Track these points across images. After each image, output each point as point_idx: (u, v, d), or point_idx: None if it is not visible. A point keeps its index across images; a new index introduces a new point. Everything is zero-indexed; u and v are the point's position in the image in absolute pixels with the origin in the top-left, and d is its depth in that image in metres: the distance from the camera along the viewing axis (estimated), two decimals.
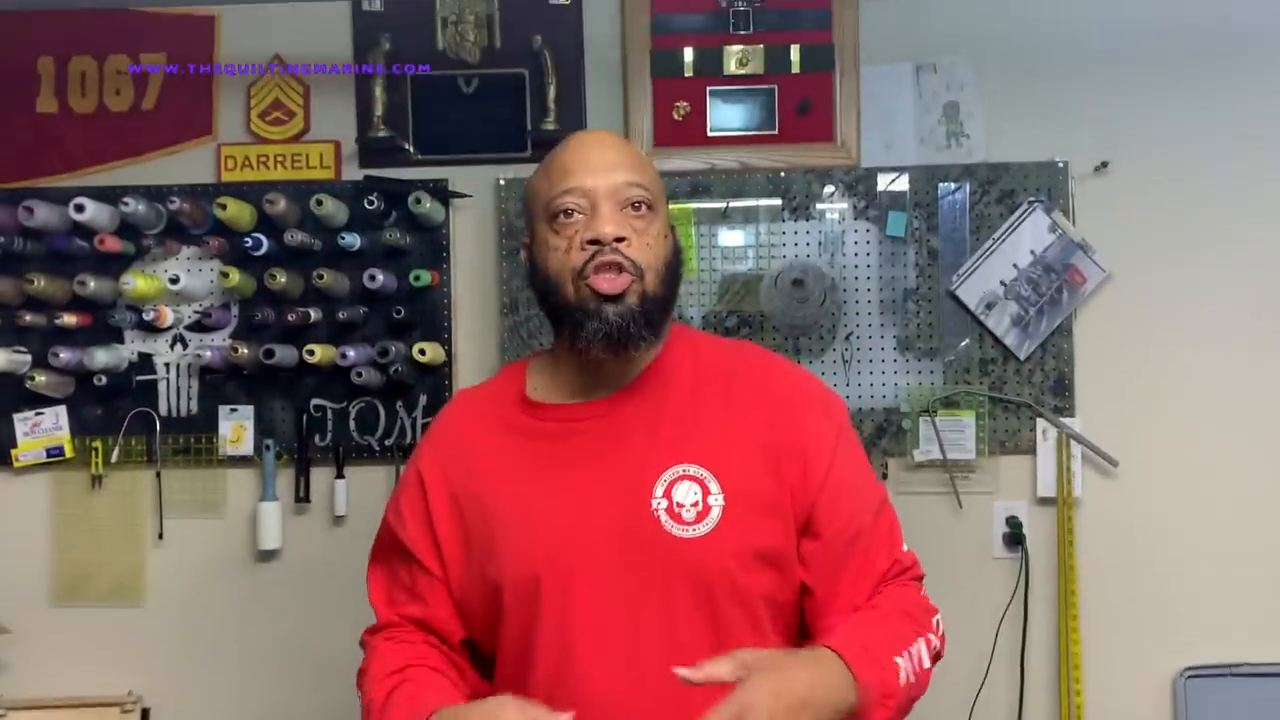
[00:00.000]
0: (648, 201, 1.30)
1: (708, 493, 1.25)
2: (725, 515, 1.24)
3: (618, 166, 1.30)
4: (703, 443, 1.28)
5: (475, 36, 2.30)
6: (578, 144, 1.34)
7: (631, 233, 1.27)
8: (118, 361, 2.26)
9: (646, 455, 1.27)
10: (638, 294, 1.27)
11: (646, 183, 1.31)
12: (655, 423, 1.30)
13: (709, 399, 1.32)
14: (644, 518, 1.24)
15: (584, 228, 1.27)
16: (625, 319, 1.25)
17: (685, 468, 1.26)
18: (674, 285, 1.34)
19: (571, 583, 1.25)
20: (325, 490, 2.29)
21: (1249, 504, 2.24)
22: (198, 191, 2.27)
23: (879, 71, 2.28)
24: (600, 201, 1.27)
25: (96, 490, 2.32)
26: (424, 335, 2.26)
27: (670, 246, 1.33)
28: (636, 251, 1.27)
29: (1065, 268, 2.23)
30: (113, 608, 2.33)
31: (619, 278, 1.25)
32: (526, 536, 1.28)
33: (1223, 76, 2.25)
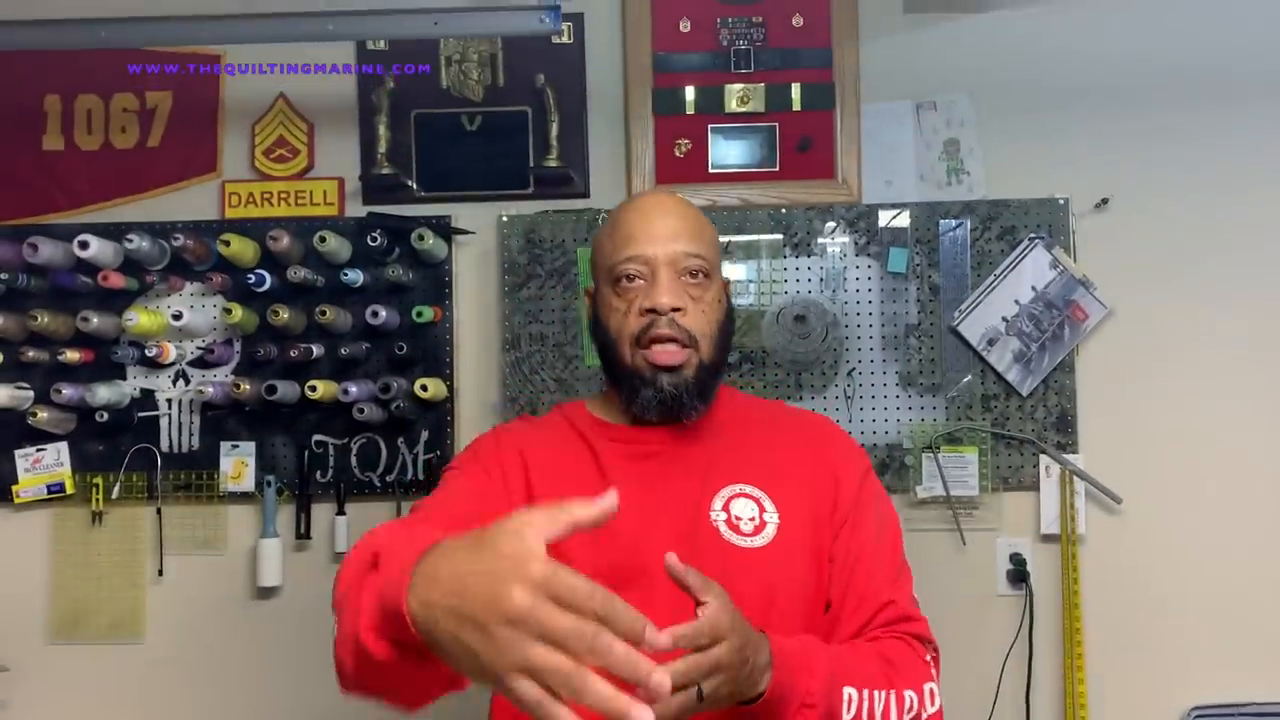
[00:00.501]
0: (704, 270, 1.38)
1: (763, 510, 1.35)
2: (781, 531, 1.34)
3: (678, 236, 1.38)
4: (755, 469, 1.39)
5: (479, 75, 2.32)
6: (643, 211, 1.42)
7: (688, 301, 1.36)
8: (120, 397, 2.26)
9: (705, 475, 1.37)
10: (694, 365, 1.37)
11: (704, 251, 1.39)
12: (711, 451, 1.40)
13: (757, 437, 1.44)
14: (704, 528, 1.32)
15: (643, 295, 1.37)
16: (679, 389, 1.36)
17: (741, 487, 1.36)
18: (726, 347, 1.44)
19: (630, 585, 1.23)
20: (326, 527, 2.29)
21: (1255, 540, 2.23)
22: (201, 228, 2.28)
23: (879, 109, 2.30)
24: (659, 269, 1.36)
25: (97, 527, 2.31)
26: (426, 371, 2.26)
27: (724, 310, 1.43)
28: (692, 320, 1.36)
29: (1067, 304, 2.23)
30: (112, 645, 2.31)
31: (677, 352, 1.35)
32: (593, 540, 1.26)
33: (1223, 114, 2.27)
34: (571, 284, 2.27)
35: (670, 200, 1.45)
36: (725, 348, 1.43)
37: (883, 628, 1.36)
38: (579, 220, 2.28)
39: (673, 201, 1.44)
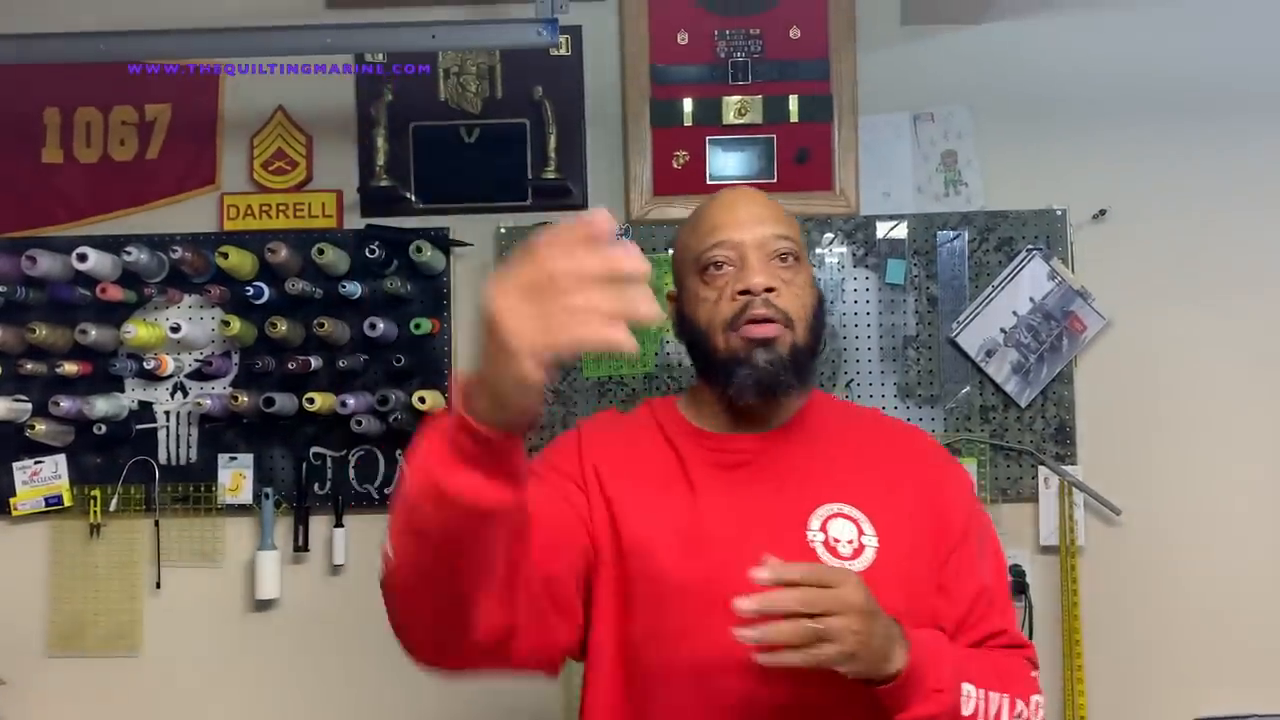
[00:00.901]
0: (794, 253, 1.34)
1: (862, 532, 1.29)
2: (880, 555, 1.27)
3: (764, 220, 1.34)
4: (854, 487, 1.32)
5: (477, 88, 2.32)
6: (724, 201, 1.39)
7: (780, 283, 1.32)
8: (118, 410, 2.26)
9: (801, 491, 1.31)
10: (787, 343, 1.31)
11: (793, 235, 1.36)
12: (808, 463, 1.34)
13: (855, 449, 1.38)
14: (800, 548, 1.26)
15: (734, 279, 1.32)
16: (775, 365, 1.30)
17: (840, 506, 1.30)
18: (820, 334, 1.38)
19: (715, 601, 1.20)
20: (324, 539, 2.28)
21: (1255, 552, 2.23)
22: (200, 240, 2.29)
23: (877, 121, 2.30)
24: (749, 253, 1.32)
25: (95, 539, 2.31)
26: (424, 383, 2.26)
27: (815, 296, 1.38)
28: (786, 301, 1.32)
29: (1065, 315, 2.23)
30: (109, 657, 2.31)
31: (769, 325, 1.30)
32: (676, 548, 1.28)
33: (1220, 125, 2.27)
34: None
35: (752, 190, 1.43)
36: (818, 335, 1.37)
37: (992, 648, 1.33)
38: None
39: (755, 192, 1.42)
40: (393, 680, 2.26)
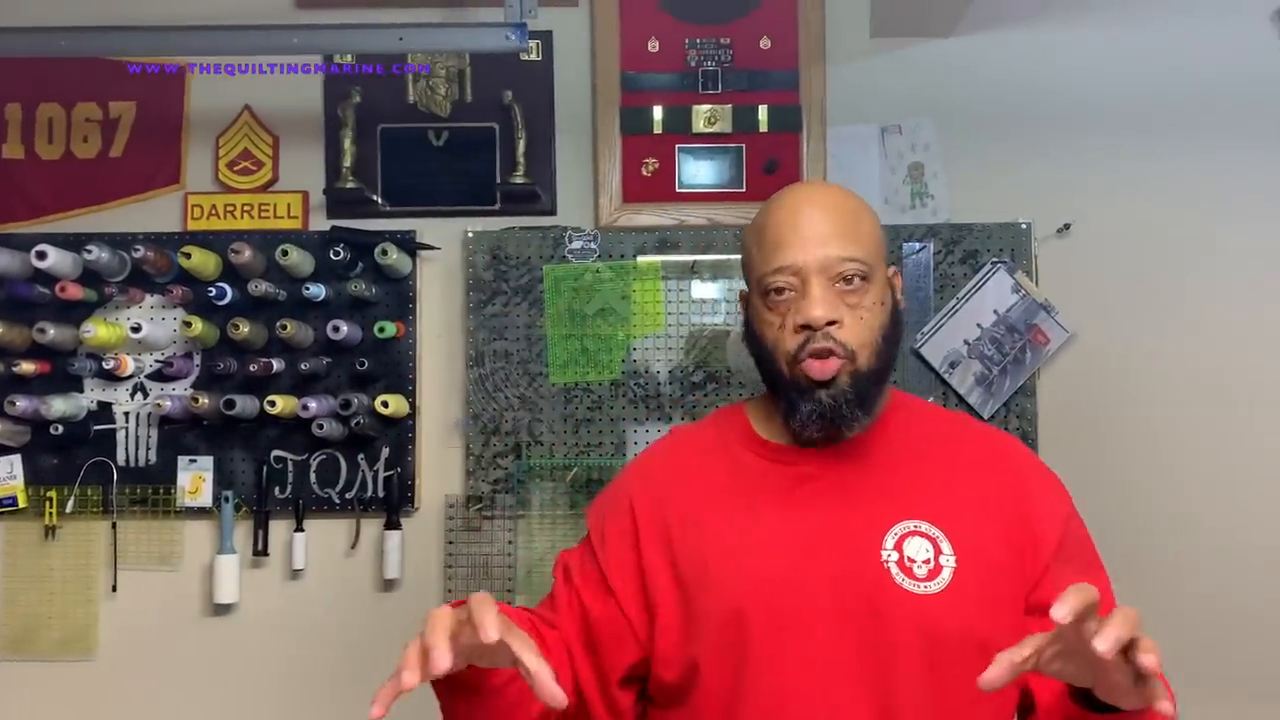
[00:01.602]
0: (861, 274, 1.24)
1: (939, 552, 1.22)
2: (958, 576, 1.20)
3: (829, 239, 1.24)
4: (933, 502, 1.25)
5: (446, 90, 2.31)
6: (790, 209, 1.28)
7: (844, 310, 1.24)
8: (76, 410, 2.23)
9: (875, 507, 1.25)
10: (850, 374, 1.24)
11: (861, 252, 1.25)
12: (883, 477, 1.28)
13: (937, 460, 1.30)
14: (873, 568, 1.21)
15: (795, 308, 1.24)
16: (838, 401, 1.24)
17: (916, 524, 1.23)
18: (893, 350, 1.29)
19: (784, 623, 1.21)
20: (284, 543, 2.26)
21: (1214, 566, 2.25)
22: (163, 240, 2.26)
23: (845, 132, 2.31)
24: (811, 278, 1.23)
25: (50, 541, 2.27)
26: (388, 387, 2.24)
27: (888, 311, 1.28)
28: (848, 333, 1.24)
29: (1028, 328, 2.25)
30: (63, 662, 2.27)
31: (828, 362, 1.23)
32: (742, 568, 1.24)
33: (1184, 141, 2.30)
34: (537, 300, 2.26)
35: (821, 193, 1.31)
36: (891, 351, 1.28)
37: None
38: (545, 237, 2.27)
39: (824, 194, 1.30)
40: (351, 687, 2.24)
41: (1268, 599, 2.24)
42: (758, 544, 1.25)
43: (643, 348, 2.27)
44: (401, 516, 2.24)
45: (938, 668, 1.19)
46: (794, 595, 1.21)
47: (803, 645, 1.20)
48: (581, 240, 2.28)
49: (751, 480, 1.30)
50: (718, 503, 1.29)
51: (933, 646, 1.19)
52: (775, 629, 1.21)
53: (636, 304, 2.27)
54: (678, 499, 1.31)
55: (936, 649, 1.19)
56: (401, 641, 1.04)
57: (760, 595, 1.22)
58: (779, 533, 1.25)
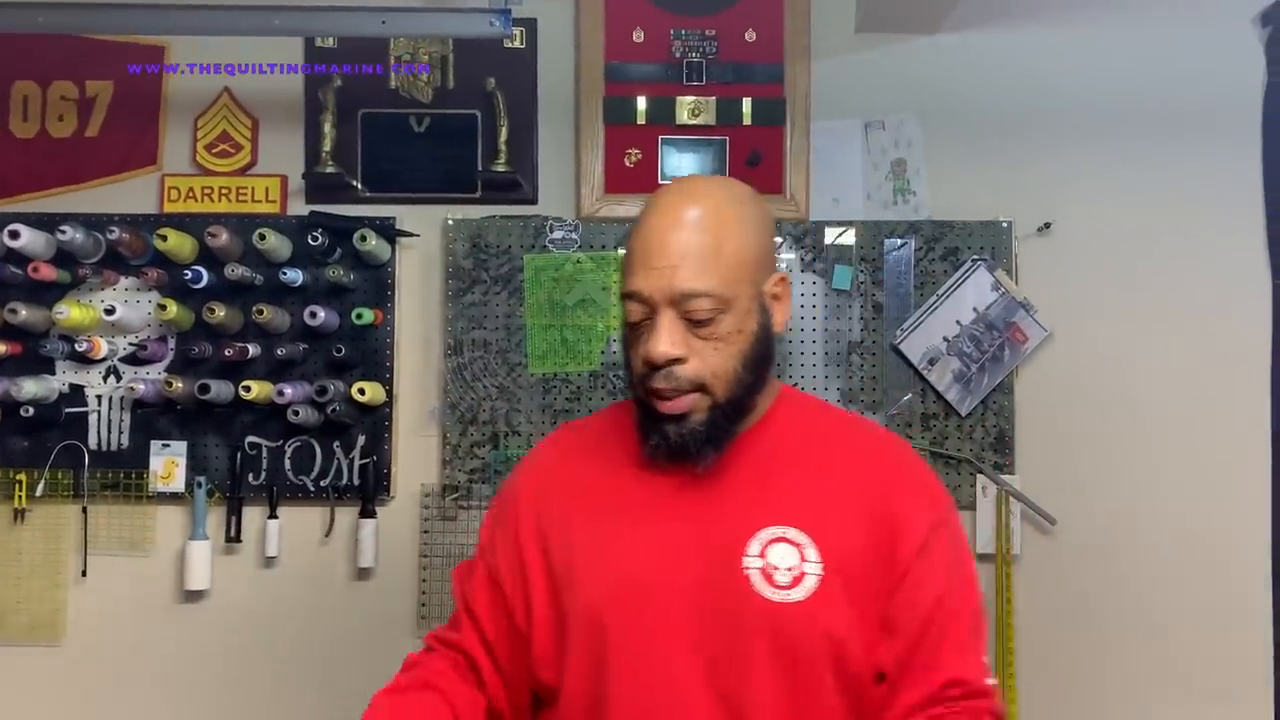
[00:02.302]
0: (714, 308, 1.18)
1: (805, 559, 1.19)
2: (822, 585, 1.18)
3: (682, 269, 1.17)
4: (804, 507, 1.22)
5: (428, 76, 2.29)
6: (653, 228, 1.21)
7: (695, 344, 1.19)
8: (47, 392, 2.20)
9: (744, 511, 1.22)
10: (703, 408, 1.20)
11: (715, 284, 1.18)
12: (756, 481, 1.24)
13: (814, 464, 1.26)
14: (734, 576, 1.18)
15: (645, 338, 1.20)
16: (684, 439, 1.20)
17: (784, 530, 1.20)
18: (759, 372, 1.24)
19: (642, 630, 1.20)
20: (257, 530, 2.24)
21: (1186, 562, 2.26)
22: (139, 221, 2.24)
23: (829, 127, 2.31)
24: (659, 310, 1.18)
25: (18, 524, 2.24)
26: (365, 375, 2.23)
27: (749, 338, 1.21)
28: (693, 369, 1.19)
29: (1007, 326, 2.25)
30: (30, 647, 2.25)
31: (676, 402, 1.19)
32: (603, 572, 1.23)
33: (1165, 143, 2.31)
34: (517, 290, 2.25)
35: (688, 207, 1.20)
36: (757, 374, 1.23)
37: (946, 705, 1.18)
38: (526, 226, 2.26)
39: (690, 209, 1.20)
40: (321, 674, 2.22)
41: (1244, 594, 2.26)
42: (623, 548, 1.24)
43: (621, 339, 2.26)
44: (376, 505, 2.23)
45: (794, 677, 1.17)
46: (655, 602, 1.20)
47: (660, 653, 1.20)
48: (563, 230, 2.26)
49: (625, 482, 1.28)
50: (590, 504, 1.28)
51: (789, 655, 1.17)
52: (634, 636, 1.20)
53: (617, 295, 2.26)
54: (556, 497, 1.31)
55: (793, 658, 1.17)
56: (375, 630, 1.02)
57: (620, 601, 1.21)
58: (645, 537, 1.23)
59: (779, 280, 1.27)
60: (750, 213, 1.24)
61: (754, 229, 1.23)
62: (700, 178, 1.29)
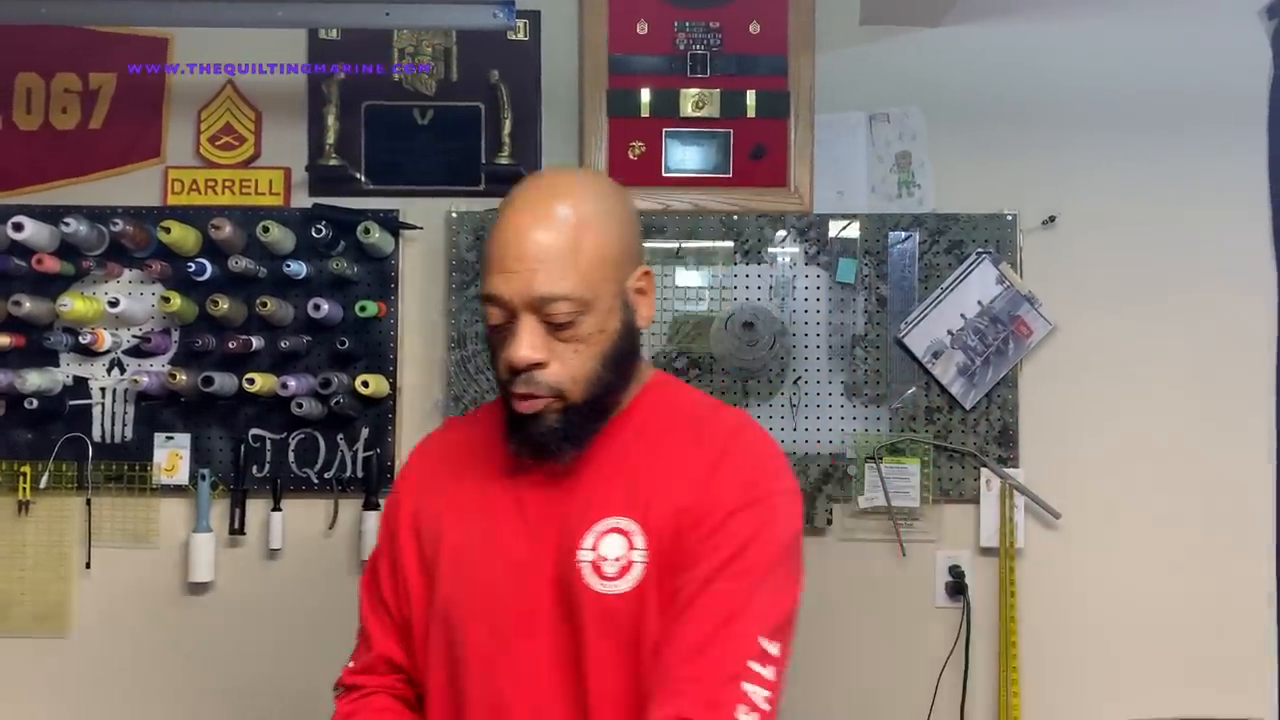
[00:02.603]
0: (574, 310, 1.17)
1: (633, 547, 1.18)
2: (646, 572, 1.17)
3: (539, 272, 1.15)
4: (639, 496, 1.21)
5: (432, 69, 2.29)
6: (511, 228, 1.18)
7: (555, 348, 1.18)
8: (51, 384, 2.20)
9: (588, 504, 1.22)
10: (558, 410, 1.20)
11: (574, 287, 1.16)
12: (607, 473, 1.24)
13: (660, 453, 1.24)
14: (571, 568, 1.19)
15: (506, 341, 1.19)
16: (545, 438, 1.21)
17: (616, 520, 1.20)
18: (620, 370, 1.23)
19: (494, 625, 1.22)
20: (261, 523, 2.24)
21: (1189, 558, 2.26)
22: (142, 214, 2.23)
23: (833, 119, 2.30)
24: (519, 315, 1.17)
25: (23, 516, 2.25)
26: (368, 367, 2.22)
27: (610, 338, 1.21)
28: (554, 373, 1.18)
29: (1012, 319, 2.25)
30: (36, 639, 2.25)
31: (533, 403, 1.20)
32: (463, 570, 1.25)
33: (1171, 137, 2.30)
34: None
35: (546, 206, 1.18)
36: (619, 372, 1.23)
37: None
38: None
39: (549, 208, 1.17)
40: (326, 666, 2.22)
41: (1248, 588, 2.26)
42: (484, 546, 1.25)
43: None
44: (380, 497, 2.23)
45: (632, 665, 1.17)
46: (507, 600, 1.22)
47: (512, 650, 1.21)
48: None
49: (493, 480, 1.28)
50: (460, 501, 1.29)
51: (623, 645, 1.17)
52: (488, 633, 1.22)
53: None
54: (431, 494, 1.32)
55: (627, 647, 1.17)
56: None
57: (476, 599, 1.23)
58: (504, 535, 1.24)
59: (642, 274, 1.26)
60: (611, 208, 1.22)
61: (614, 225, 1.21)
62: (560, 172, 1.25)
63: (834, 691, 2.25)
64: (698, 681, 1.10)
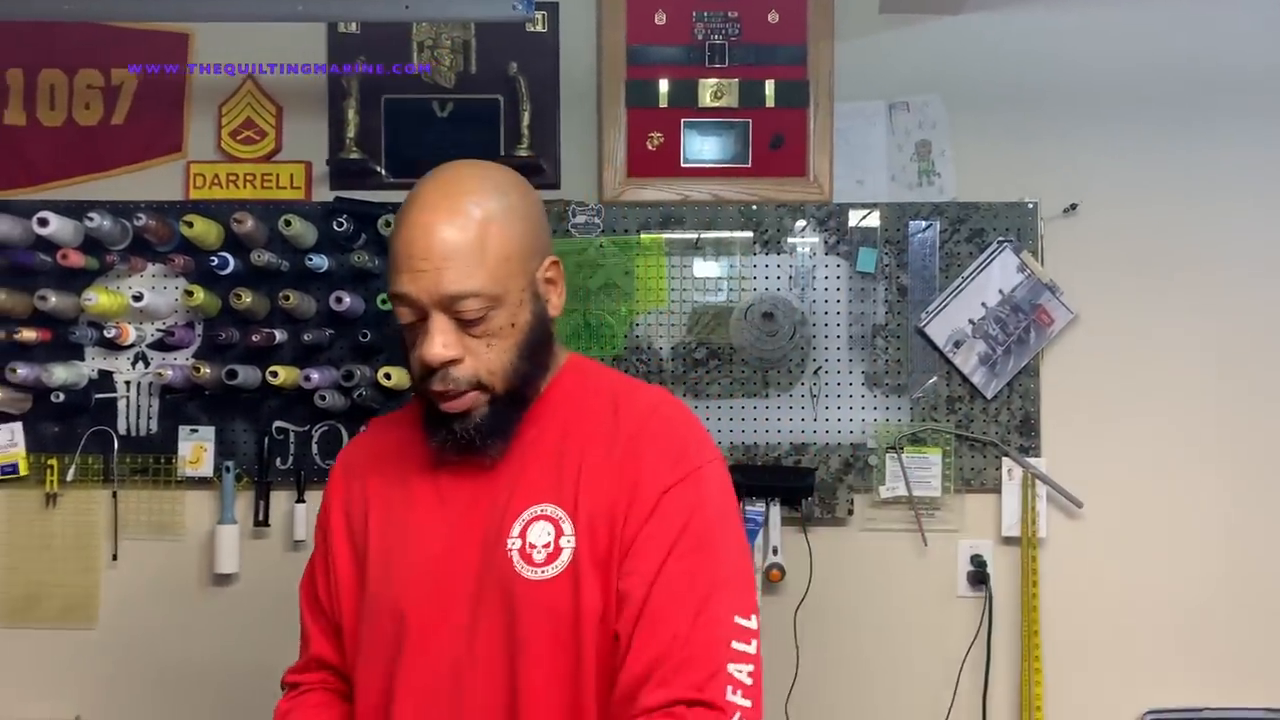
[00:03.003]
0: (484, 306, 1.17)
1: (560, 534, 1.19)
2: (576, 556, 1.18)
3: (447, 270, 1.15)
4: (562, 482, 1.22)
5: (451, 61, 2.29)
6: (417, 225, 1.16)
7: (469, 343, 1.19)
8: (77, 378, 2.22)
9: (512, 494, 1.22)
10: (484, 402, 1.21)
11: (482, 283, 1.16)
12: (528, 463, 1.24)
13: (583, 437, 1.24)
14: (500, 558, 1.19)
15: (418, 339, 1.19)
16: (469, 434, 1.21)
17: (543, 508, 1.21)
18: (537, 360, 1.24)
19: (427, 618, 1.22)
20: (285, 514, 2.26)
21: (1212, 547, 2.25)
22: (165, 208, 2.25)
23: (852, 108, 2.29)
24: (429, 314, 1.17)
25: (50, 509, 2.27)
26: (390, 359, 2.23)
27: (523, 330, 1.22)
28: (472, 367, 1.19)
29: (1033, 308, 2.24)
30: (64, 629, 2.28)
31: (457, 401, 1.20)
32: (393, 563, 1.26)
33: (1193, 123, 2.28)
34: None
35: (449, 202, 1.17)
36: (535, 362, 1.24)
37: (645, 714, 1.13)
38: (548, 211, 2.24)
39: (452, 204, 1.17)
40: None
41: (1272, 577, 2.25)
42: (412, 540, 1.25)
43: (646, 323, 2.27)
44: None
45: (562, 651, 1.17)
46: (438, 591, 1.22)
47: (443, 641, 1.21)
48: (585, 215, 2.27)
49: (416, 476, 1.28)
50: (385, 496, 1.30)
51: (552, 632, 1.17)
52: (420, 624, 1.22)
53: (640, 280, 2.27)
54: (358, 492, 1.33)
55: (556, 634, 1.17)
56: None
57: (406, 590, 1.23)
58: (431, 529, 1.25)
59: (551, 264, 1.26)
60: (514, 203, 1.21)
61: (519, 219, 1.21)
62: (462, 167, 1.24)
63: (855, 680, 2.25)
64: (683, 669, 1.12)
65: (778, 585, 2.20)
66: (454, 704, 1.20)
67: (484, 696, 1.19)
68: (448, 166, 1.24)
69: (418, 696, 1.21)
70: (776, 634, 2.21)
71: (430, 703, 1.20)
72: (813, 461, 2.24)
